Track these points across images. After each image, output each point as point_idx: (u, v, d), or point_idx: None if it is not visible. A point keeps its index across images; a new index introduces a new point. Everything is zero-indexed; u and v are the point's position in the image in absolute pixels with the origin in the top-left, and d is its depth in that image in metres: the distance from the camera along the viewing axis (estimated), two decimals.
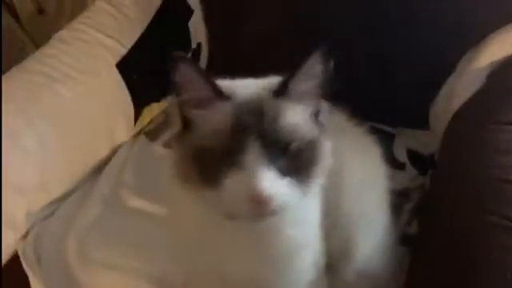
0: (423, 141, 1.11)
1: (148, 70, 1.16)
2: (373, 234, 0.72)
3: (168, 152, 0.91)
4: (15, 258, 0.88)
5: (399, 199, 0.99)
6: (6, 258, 0.87)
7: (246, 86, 0.54)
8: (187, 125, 0.52)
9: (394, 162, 1.07)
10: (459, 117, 0.90)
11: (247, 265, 0.58)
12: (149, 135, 1.17)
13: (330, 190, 0.60)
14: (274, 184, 0.46)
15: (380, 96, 1.10)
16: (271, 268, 0.55)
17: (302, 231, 0.57)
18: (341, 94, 0.74)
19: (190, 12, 1.24)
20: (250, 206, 0.47)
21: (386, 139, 1.05)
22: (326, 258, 0.63)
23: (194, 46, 1.27)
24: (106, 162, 1.09)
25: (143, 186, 1.02)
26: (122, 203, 0.99)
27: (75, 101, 1.01)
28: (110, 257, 0.87)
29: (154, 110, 1.22)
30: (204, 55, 1.29)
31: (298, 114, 0.51)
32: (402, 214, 0.95)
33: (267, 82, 0.54)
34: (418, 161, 1.08)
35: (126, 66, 1.11)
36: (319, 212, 0.59)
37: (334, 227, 0.63)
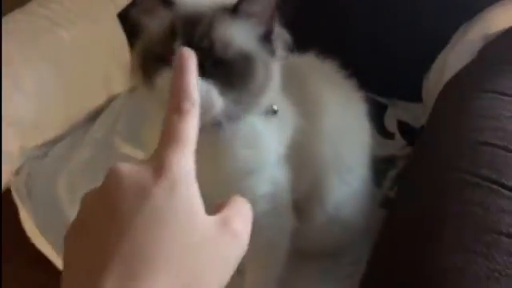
0: (415, 113, 1.11)
1: None
2: (347, 180, 0.72)
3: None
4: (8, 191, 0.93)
5: (385, 165, 1.00)
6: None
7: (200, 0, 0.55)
8: (137, 33, 0.55)
9: (383, 132, 1.08)
10: (448, 87, 0.90)
11: (205, 183, 0.59)
12: None
13: (295, 131, 0.61)
14: (201, 87, 0.47)
15: (375, 67, 1.09)
16: (223, 189, 0.54)
17: (255, 154, 0.59)
18: (336, 57, 0.76)
19: None
20: None
21: (378, 109, 1.06)
22: (294, 195, 0.65)
23: None
24: (100, 111, 1.12)
25: (135, 135, 1.03)
26: (113, 149, 1.02)
27: (75, 45, 1.04)
28: None
29: None
30: None
31: (240, 32, 0.52)
32: (386, 179, 0.97)
33: (229, 1, 0.55)
34: (407, 132, 1.09)
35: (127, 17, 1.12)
36: (278, 141, 0.61)
37: (301, 166, 0.64)
